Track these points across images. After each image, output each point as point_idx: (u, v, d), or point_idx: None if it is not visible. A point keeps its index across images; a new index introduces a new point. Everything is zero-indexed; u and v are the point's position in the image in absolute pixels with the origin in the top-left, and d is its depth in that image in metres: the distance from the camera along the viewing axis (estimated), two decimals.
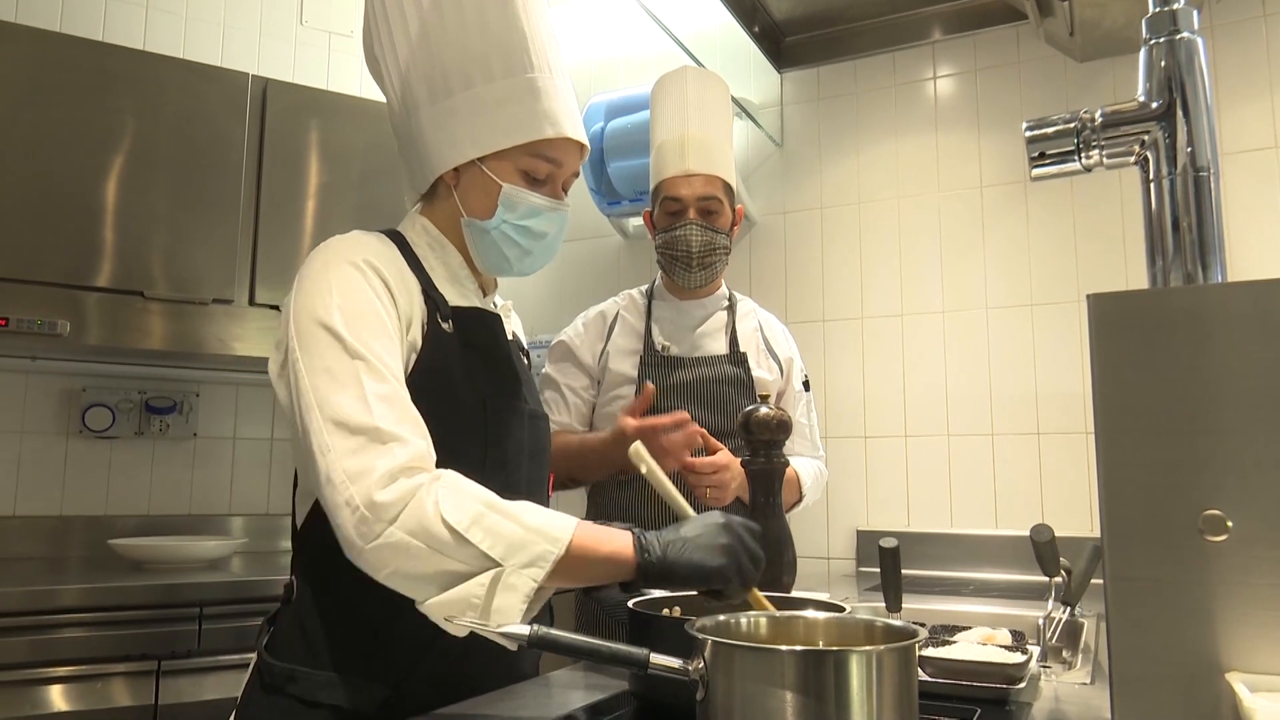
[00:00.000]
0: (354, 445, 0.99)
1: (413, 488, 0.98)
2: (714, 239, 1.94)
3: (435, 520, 0.96)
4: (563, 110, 1.24)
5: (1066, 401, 2.59)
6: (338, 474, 0.98)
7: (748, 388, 1.98)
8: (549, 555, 0.97)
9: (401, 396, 1.05)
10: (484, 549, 0.96)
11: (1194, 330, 0.73)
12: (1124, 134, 0.94)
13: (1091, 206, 2.63)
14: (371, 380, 1.03)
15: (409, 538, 0.96)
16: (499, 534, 0.97)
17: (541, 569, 0.97)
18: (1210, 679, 0.70)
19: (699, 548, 1.02)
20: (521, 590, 0.96)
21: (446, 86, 1.22)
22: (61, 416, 2.68)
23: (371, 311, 1.09)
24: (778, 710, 0.74)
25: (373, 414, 1.01)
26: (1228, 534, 0.70)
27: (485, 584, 0.96)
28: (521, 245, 1.26)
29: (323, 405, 1.02)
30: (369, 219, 1.38)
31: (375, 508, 0.96)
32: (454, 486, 1.00)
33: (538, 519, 1.00)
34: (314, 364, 1.05)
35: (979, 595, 2.13)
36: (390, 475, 0.98)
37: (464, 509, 0.98)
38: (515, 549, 0.97)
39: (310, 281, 1.12)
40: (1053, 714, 1.06)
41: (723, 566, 1.01)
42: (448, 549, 0.96)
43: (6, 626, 1.91)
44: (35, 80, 2.30)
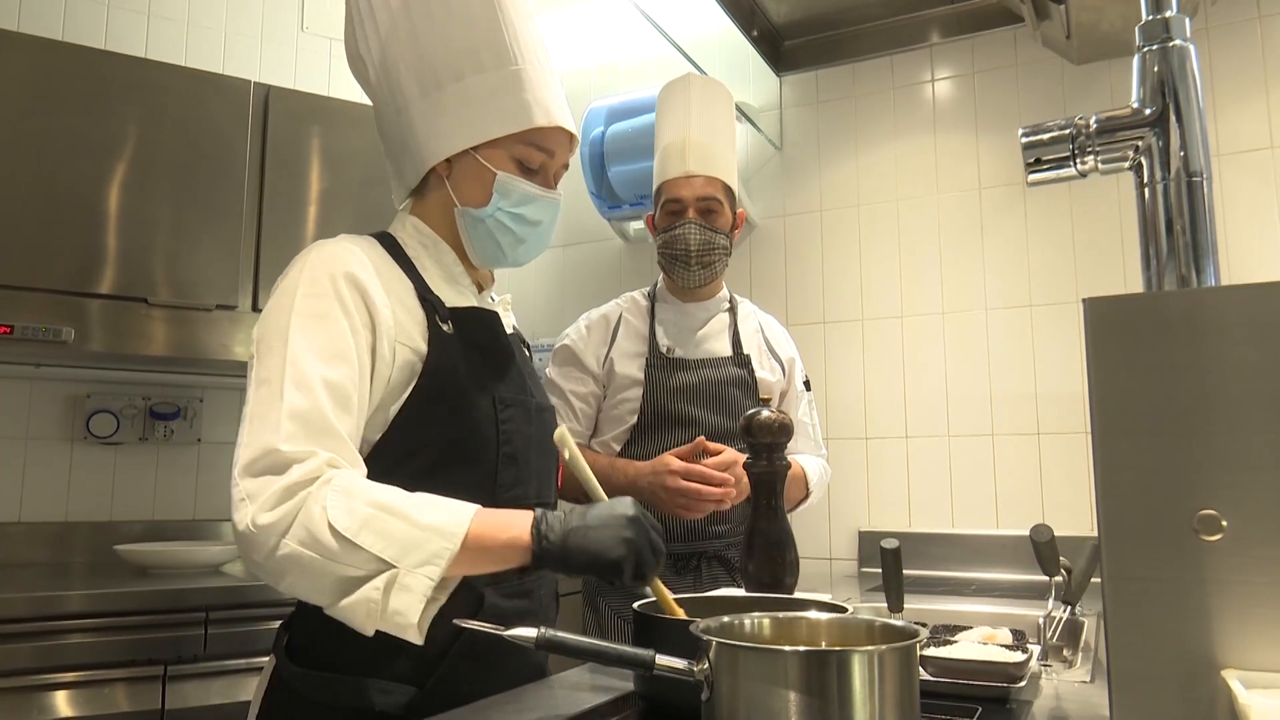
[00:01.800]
0: (256, 467, 1.01)
1: (299, 501, 0.99)
2: (713, 238, 1.96)
3: (323, 528, 0.97)
4: (554, 100, 1.27)
5: (1066, 402, 2.60)
6: (237, 491, 1.01)
7: (752, 389, 2.00)
8: (444, 552, 0.98)
9: (319, 409, 1.04)
10: (375, 552, 0.97)
11: (1189, 333, 0.74)
12: (1118, 140, 0.95)
13: (1089, 208, 2.64)
14: (294, 392, 1.04)
15: (301, 549, 0.97)
16: (390, 535, 0.98)
17: (437, 566, 0.98)
18: (1207, 676, 0.71)
19: (599, 539, 1.02)
20: (418, 590, 0.97)
21: (436, 80, 1.23)
22: (66, 423, 2.69)
23: (329, 320, 1.10)
24: (781, 710, 0.75)
25: (279, 434, 1.01)
26: (1223, 533, 0.71)
27: (380, 587, 0.97)
28: (515, 233, 1.27)
29: (247, 419, 1.04)
30: (370, 224, 1.39)
31: (262, 529, 0.98)
32: (344, 490, 1.00)
33: (432, 515, 1.01)
34: (259, 373, 1.07)
35: (980, 595, 2.13)
36: (277, 496, 0.98)
37: (352, 513, 0.98)
38: (408, 549, 0.98)
39: (282, 287, 1.14)
40: (1053, 712, 1.07)
41: (620, 558, 1.01)
42: (339, 556, 0.97)
43: (12, 632, 1.92)
44: (38, 88, 2.31)
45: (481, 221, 1.26)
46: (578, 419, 2.02)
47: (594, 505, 1.08)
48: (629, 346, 2.03)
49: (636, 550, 1.02)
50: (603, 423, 2.03)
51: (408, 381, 1.15)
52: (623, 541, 1.02)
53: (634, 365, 2.00)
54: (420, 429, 1.15)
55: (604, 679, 1.23)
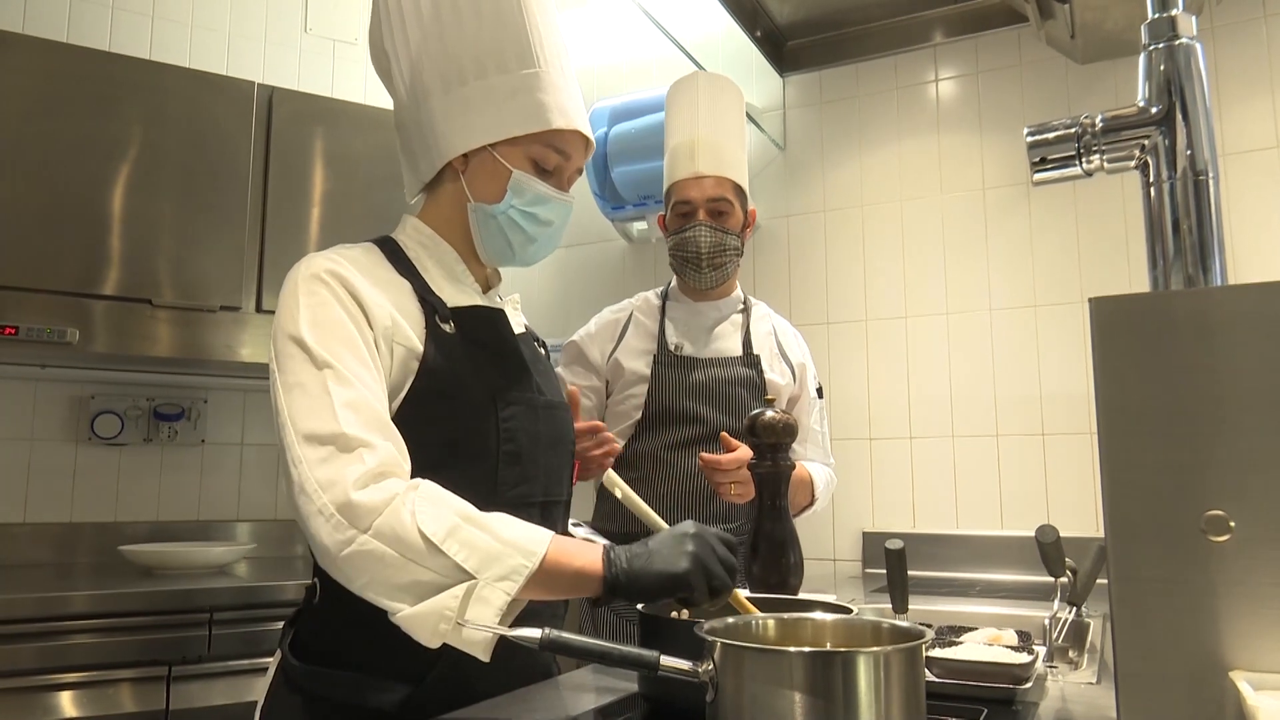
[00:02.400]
0: (323, 455, 1.00)
1: (389, 494, 0.98)
2: (724, 240, 1.96)
3: (411, 529, 0.97)
4: (573, 105, 1.29)
5: (1071, 402, 2.59)
6: (310, 483, 0.99)
7: (761, 389, 1.99)
8: (523, 569, 0.98)
9: (368, 402, 1.06)
10: (458, 560, 0.97)
11: (1195, 332, 0.73)
12: (1124, 139, 0.95)
13: (1094, 207, 2.63)
14: (338, 387, 1.05)
15: (383, 546, 0.97)
16: (474, 546, 0.98)
17: (515, 582, 0.97)
18: (1214, 678, 0.71)
19: (663, 558, 1.03)
20: (495, 604, 0.96)
21: (460, 76, 1.25)
22: (71, 424, 2.70)
23: (337, 320, 1.11)
24: (786, 711, 0.75)
25: (339, 421, 1.02)
26: (1230, 534, 0.70)
27: (459, 596, 0.96)
28: (527, 232, 1.28)
29: (294, 420, 1.04)
30: (374, 225, 1.40)
31: (350, 509, 0.97)
32: (431, 497, 1.01)
33: (513, 532, 1.01)
34: (286, 379, 1.07)
35: (985, 596, 2.13)
36: (362, 480, 0.98)
37: (440, 520, 0.98)
38: (490, 561, 0.98)
39: (283, 299, 1.15)
40: (1059, 714, 1.07)
41: (687, 572, 1.01)
42: (422, 559, 0.97)
43: (17, 633, 1.92)
44: (43, 90, 2.32)
45: (494, 218, 1.27)
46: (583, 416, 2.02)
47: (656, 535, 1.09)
48: (637, 344, 2.03)
49: (703, 563, 1.03)
50: (608, 418, 2.03)
51: (405, 380, 1.16)
52: (686, 555, 1.03)
53: (641, 361, 2.00)
54: (418, 428, 1.15)
55: (609, 680, 1.23)
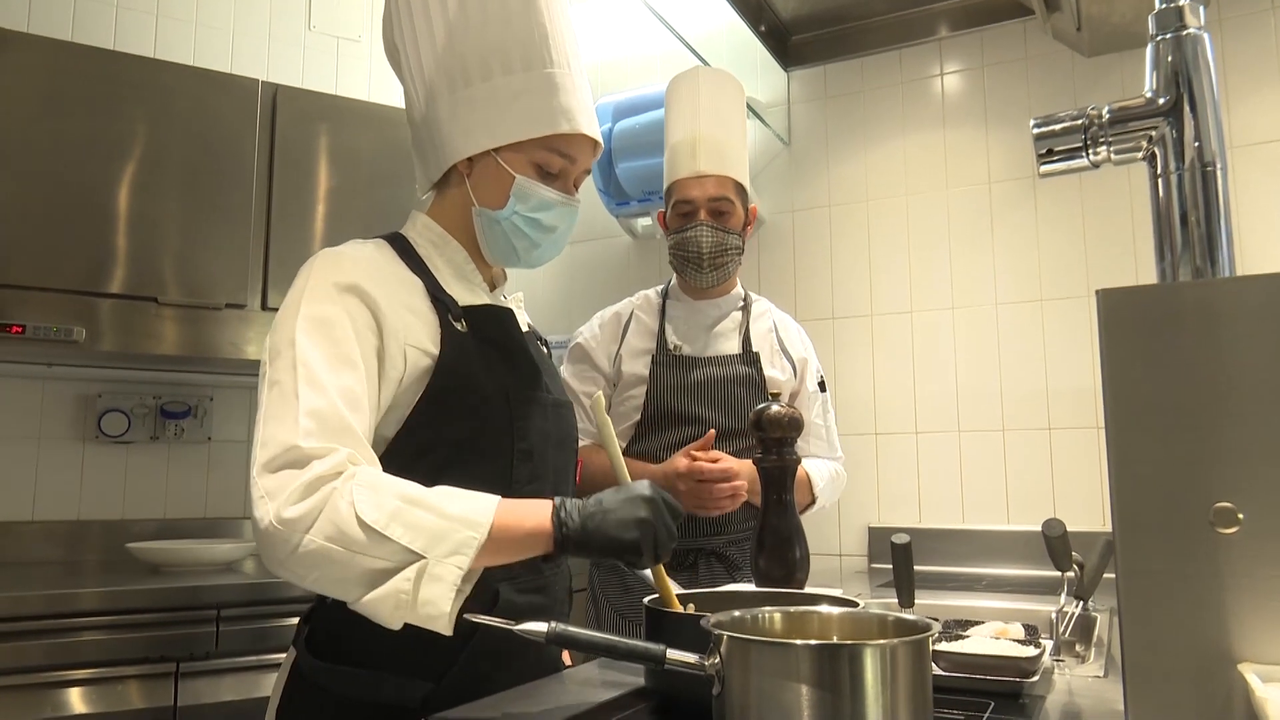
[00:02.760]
0: (272, 464, 1.01)
1: (324, 496, 0.99)
2: (725, 239, 1.95)
3: (351, 522, 0.97)
4: (579, 107, 1.26)
5: (1077, 396, 2.59)
6: (256, 489, 1.01)
7: (760, 388, 1.99)
8: (472, 541, 0.99)
9: (335, 409, 1.05)
10: (405, 543, 0.97)
11: (1203, 324, 0.73)
12: (1131, 130, 0.95)
13: (1101, 201, 2.62)
14: (308, 391, 1.04)
15: (327, 543, 0.97)
16: (419, 527, 0.98)
17: (466, 555, 0.98)
18: (1223, 670, 0.70)
19: (616, 522, 1.04)
20: (448, 579, 0.97)
21: (465, 76, 1.23)
22: (78, 422, 2.70)
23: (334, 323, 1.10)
24: (793, 704, 0.75)
25: (298, 430, 1.02)
26: (1239, 526, 0.70)
27: (411, 577, 0.97)
28: (531, 237, 1.28)
29: (263, 421, 1.05)
30: (378, 222, 1.40)
31: (286, 523, 0.97)
32: (370, 484, 1.00)
33: (457, 506, 1.01)
34: (271, 376, 1.08)
35: (991, 590, 2.13)
36: (300, 491, 0.98)
37: (381, 506, 0.98)
38: (437, 540, 0.98)
39: (287, 298, 1.14)
40: (1066, 707, 1.06)
41: (636, 540, 1.03)
42: (367, 548, 0.97)
43: (26, 630, 1.93)
44: (47, 89, 2.32)
45: (497, 223, 1.26)
46: (589, 418, 2.02)
47: (614, 489, 1.09)
48: (638, 344, 2.02)
49: (653, 531, 1.05)
50: (610, 417, 2.03)
51: (421, 381, 1.16)
52: (637, 523, 1.04)
53: (640, 363, 1.99)
54: (434, 426, 1.16)
55: (615, 674, 1.23)
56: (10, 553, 2.54)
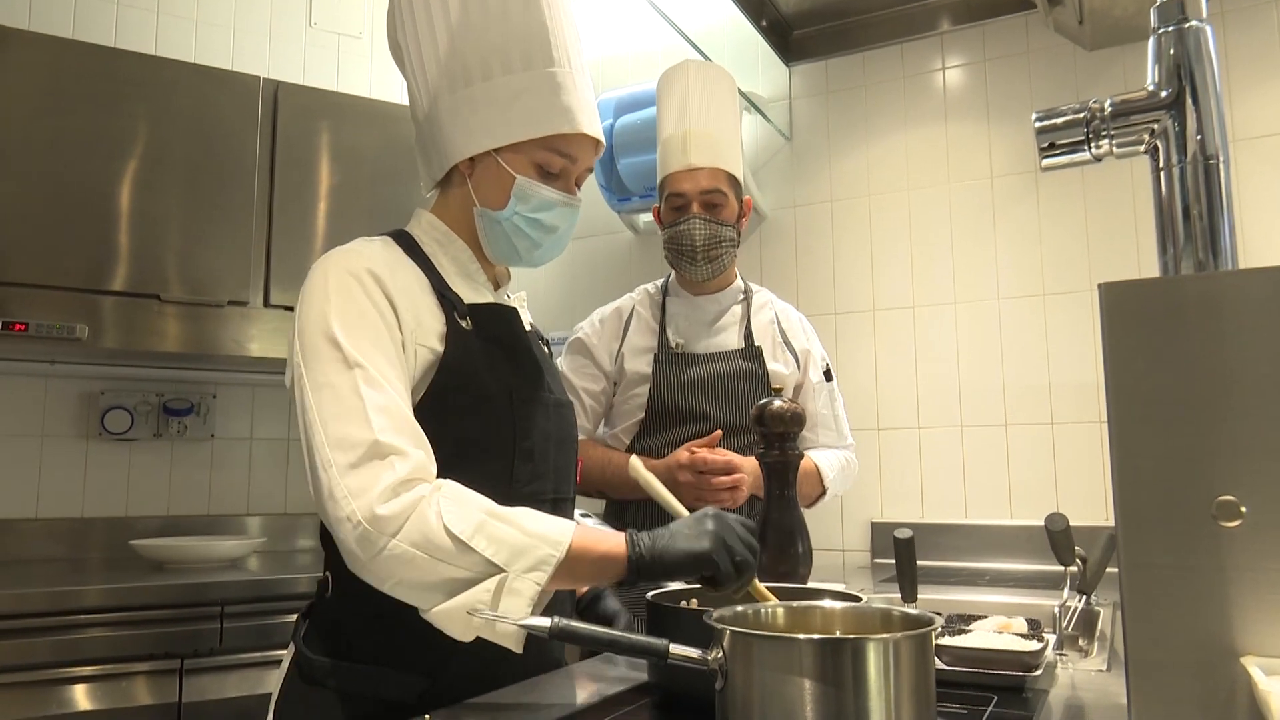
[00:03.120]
0: (353, 460, 1.01)
1: (414, 500, 1.00)
2: (718, 232, 1.95)
3: (439, 530, 0.98)
4: (580, 106, 1.25)
5: (1079, 391, 2.58)
6: (339, 489, 1.00)
7: (763, 382, 1.99)
8: (551, 559, 1.01)
9: (399, 406, 1.07)
10: (488, 555, 0.99)
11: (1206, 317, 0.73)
12: (1134, 123, 0.94)
13: (1103, 195, 2.62)
14: (370, 391, 1.05)
15: (412, 549, 0.98)
16: (502, 540, 1.00)
17: (544, 572, 1.00)
18: (1226, 664, 0.70)
19: (685, 537, 1.06)
20: (526, 594, 0.99)
21: (466, 76, 1.23)
22: (81, 419, 2.71)
23: (369, 320, 1.11)
24: (796, 698, 0.75)
25: (372, 427, 1.02)
26: (1241, 519, 0.70)
27: (491, 589, 0.99)
28: (532, 237, 1.27)
29: (325, 421, 1.04)
30: (380, 219, 1.40)
31: (377, 521, 0.98)
32: (455, 496, 1.02)
33: (538, 524, 1.03)
34: (316, 378, 1.07)
35: (994, 585, 2.13)
36: (391, 489, 1.00)
37: (467, 518, 1.00)
38: (518, 554, 1.00)
39: (310, 294, 1.14)
40: (1069, 701, 1.06)
41: (709, 550, 1.04)
42: (452, 557, 0.99)
43: (31, 627, 1.94)
44: (49, 87, 2.32)
45: (498, 224, 1.26)
46: (587, 416, 2.02)
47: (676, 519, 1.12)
48: (639, 341, 2.02)
49: (724, 541, 1.05)
50: (613, 416, 2.04)
51: (426, 377, 1.16)
52: (708, 535, 1.05)
53: (643, 361, 1.99)
54: (437, 424, 1.16)
55: (618, 670, 1.24)
56: (14, 550, 2.55)
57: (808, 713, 0.75)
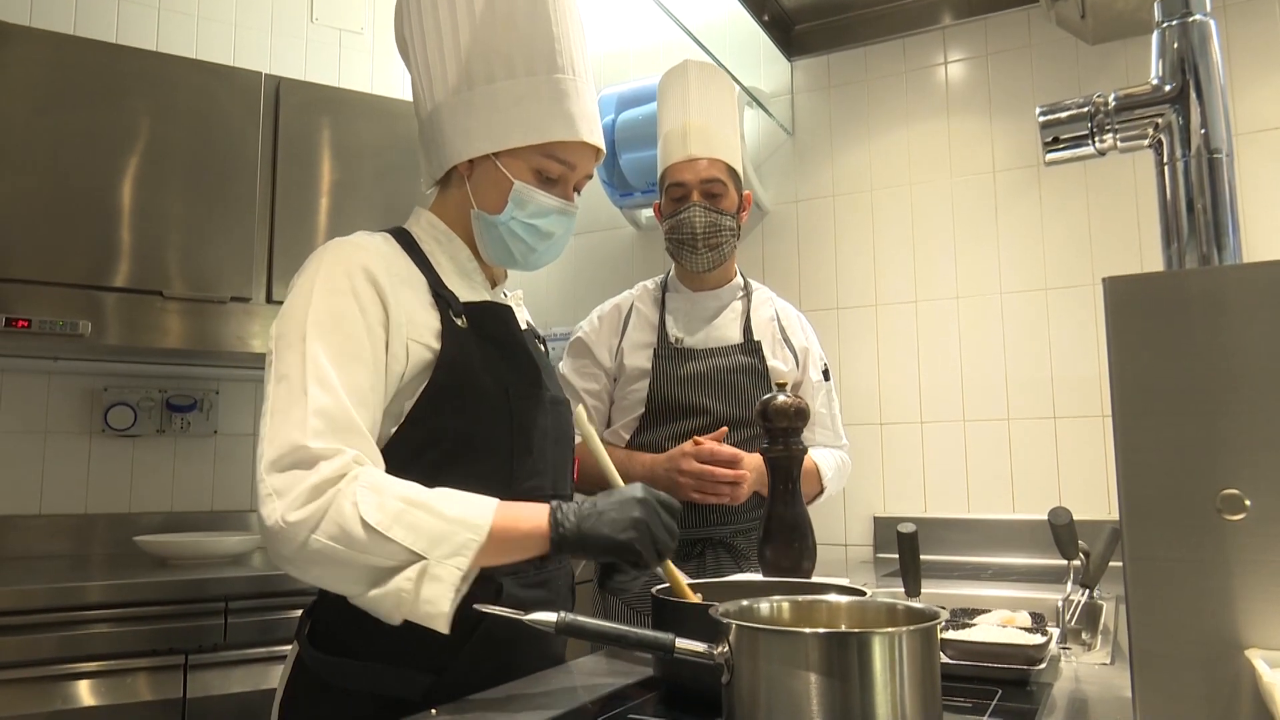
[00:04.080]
0: (280, 462, 1.03)
1: (329, 498, 1.00)
2: (718, 220, 1.95)
3: (354, 522, 0.99)
4: (580, 113, 1.25)
5: (1082, 385, 2.58)
6: (264, 486, 1.03)
7: (762, 377, 1.99)
8: (471, 544, 1.02)
9: (343, 407, 1.06)
10: (407, 545, 1.00)
11: (1210, 311, 0.73)
12: (1138, 117, 0.94)
13: (1105, 189, 2.62)
14: (317, 390, 1.06)
15: (331, 543, 0.99)
16: (420, 529, 1.01)
17: (465, 557, 1.01)
18: (1230, 656, 0.71)
19: (610, 521, 1.06)
20: (448, 580, 1.00)
21: (469, 78, 1.23)
22: (84, 416, 2.71)
23: (346, 317, 1.11)
24: (802, 692, 0.75)
25: (306, 431, 1.03)
26: (1246, 513, 0.70)
27: (413, 577, 1.00)
28: (528, 242, 1.28)
29: (271, 414, 1.06)
30: (382, 215, 1.40)
31: (291, 526, 1.00)
32: (373, 485, 1.02)
33: (457, 509, 1.04)
34: (279, 369, 1.09)
35: (997, 579, 2.13)
36: (308, 493, 1.00)
37: (383, 508, 1.00)
38: (437, 541, 1.01)
39: (298, 286, 1.15)
40: (1073, 694, 1.07)
41: (632, 540, 1.05)
42: (370, 549, 1.00)
43: (35, 623, 1.94)
44: (50, 83, 2.32)
45: (495, 228, 1.26)
46: (591, 416, 2.02)
47: (607, 492, 1.11)
48: (639, 337, 2.03)
49: (648, 529, 1.06)
50: (614, 412, 2.04)
51: (423, 376, 1.16)
52: (632, 523, 1.06)
53: (642, 356, 2.00)
54: (435, 422, 1.16)
55: (622, 664, 1.24)
56: (18, 546, 2.55)
57: (814, 707, 0.75)
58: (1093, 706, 1.03)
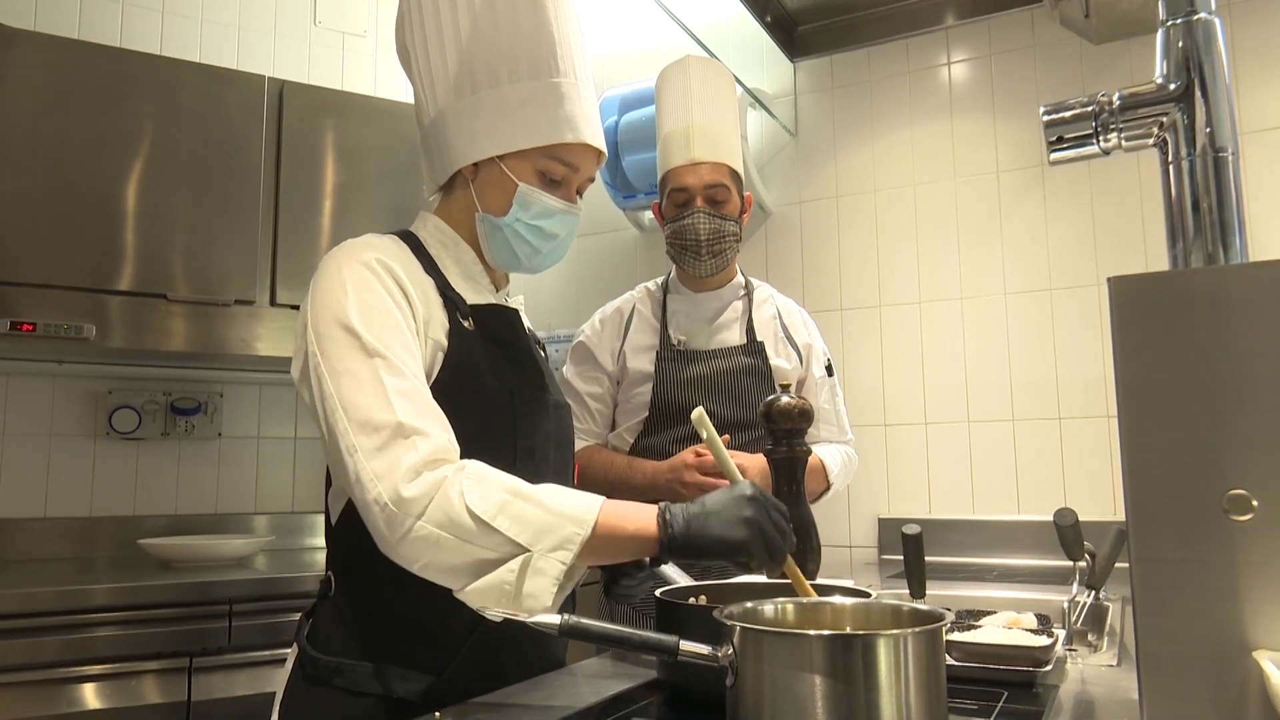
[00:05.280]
0: (378, 443, 1.01)
1: (437, 480, 1.00)
2: (722, 226, 1.94)
3: (461, 511, 0.98)
4: (583, 116, 1.27)
5: (1087, 386, 2.58)
6: (365, 473, 1.01)
7: (765, 377, 1.98)
8: (576, 537, 1.00)
9: (420, 391, 1.07)
10: (511, 535, 0.98)
11: (1216, 311, 0.73)
12: (1142, 116, 0.94)
13: (1109, 189, 2.61)
14: (391, 377, 1.05)
15: (437, 530, 0.98)
16: (525, 520, 0.99)
17: (569, 551, 0.99)
18: (1237, 657, 0.70)
19: (721, 520, 1.03)
20: (550, 574, 0.98)
21: (473, 83, 1.24)
22: (88, 419, 2.72)
23: (386, 308, 1.11)
24: (807, 695, 0.75)
25: (395, 410, 1.03)
26: (1253, 513, 0.70)
27: (515, 569, 0.98)
28: (532, 244, 1.29)
29: (347, 407, 1.04)
30: (385, 218, 1.40)
31: (402, 503, 0.99)
32: (478, 476, 1.02)
33: (563, 502, 1.02)
34: (334, 366, 1.07)
35: (1002, 580, 2.12)
36: (414, 470, 1.00)
37: (489, 498, 1.00)
38: (542, 533, 0.99)
39: (325, 283, 1.14)
40: (1079, 696, 1.06)
41: (744, 539, 1.02)
42: (476, 538, 0.98)
43: (40, 626, 1.94)
44: (55, 87, 2.33)
45: (500, 230, 1.27)
46: (594, 420, 2.02)
47: (714, 491, 1.09)
48: (641, 340, 2.02)
49: (760, 529, 1.03)
50: (618, 415, 2.03)
51: (430, 374, 1.16)
52: (743, 522, 1.03)
53: (645, 359, 1.99)
54: None
55: (625, 667, 1.24)
56: (23, 549, 2.56)
57: (818, 709, 0.75)
58: (1099, 708, 1.02)
